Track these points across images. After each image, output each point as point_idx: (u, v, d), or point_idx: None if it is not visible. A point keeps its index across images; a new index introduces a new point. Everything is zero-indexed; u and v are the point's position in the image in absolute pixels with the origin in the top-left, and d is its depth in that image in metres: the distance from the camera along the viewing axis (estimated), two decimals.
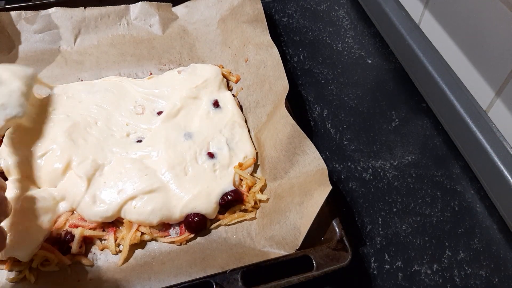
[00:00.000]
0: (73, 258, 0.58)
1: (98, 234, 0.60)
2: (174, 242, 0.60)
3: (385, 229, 0.63)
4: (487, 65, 0.65)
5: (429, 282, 0.58)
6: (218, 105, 0.72)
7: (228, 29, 0.84)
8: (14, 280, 0.56)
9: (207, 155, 0.66)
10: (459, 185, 0.67)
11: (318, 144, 0.70)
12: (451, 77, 0.72)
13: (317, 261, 0.52)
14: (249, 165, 0.66)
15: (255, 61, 0.75)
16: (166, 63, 0.83)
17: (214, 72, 0.76)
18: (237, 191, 0.63)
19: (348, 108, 0.78)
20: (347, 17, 0.94)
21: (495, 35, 0.62)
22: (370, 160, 0.70)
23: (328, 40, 0.89)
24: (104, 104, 0.72)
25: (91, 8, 0.84)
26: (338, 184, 0.68)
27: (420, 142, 0.73)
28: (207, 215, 0.61)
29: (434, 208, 0.65)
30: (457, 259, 0.60)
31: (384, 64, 0.85)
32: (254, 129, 0.71)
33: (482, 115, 0.66)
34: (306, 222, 0.55)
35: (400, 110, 0.77)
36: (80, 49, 0.83)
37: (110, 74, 0.80)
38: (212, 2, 0.88)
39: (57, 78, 0.79)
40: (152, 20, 0.87)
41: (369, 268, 0.59)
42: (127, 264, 0.58)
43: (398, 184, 0.68)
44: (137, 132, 0.69)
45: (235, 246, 0.59)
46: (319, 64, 0.85)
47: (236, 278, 0.50)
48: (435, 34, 0.76)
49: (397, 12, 0.83)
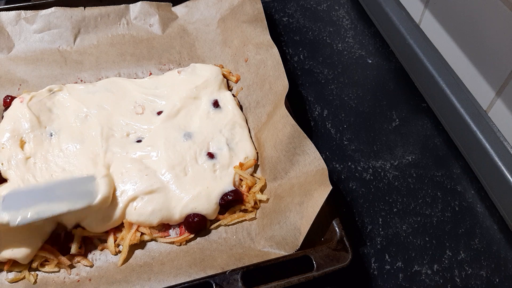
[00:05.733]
0: (73, 259, 0.58)
1: (98, 234, 0.60)
2: (174, 243, 0.60)
3: (386, 229, 0.63)
4: (487, 65, 0.65)
5: (429, 282, 0.58)
6: (218, 105, 0.72)
7: (228, 29, 0.84)
8: (14, 280, 0.56)
9: (207, 155, 0.66)
10: (460, 185, 0.67)
11: (318, 144, 0.70)
12: (451, 77, 0.71)
13: (317, 262, 0.52)
14: (249, 166, 0.66)
15: (255, 61, 0.75)
16: (166, 63, 0.82)
17: (214, 72, 0.76)
18: (237, 191, 0.63)
19: (348, 108, 0.77)
20: (347, 17, 0.94)
21: (496, 35, 0.62)
22: (370, 160, 0.70)
23: (328, 39, 0.89)
24: (104, 104, 0.71)
25: (91, 8, 0.84)
26: (338, 184, 0.67)
27: (421, 142, 0.73)
28: (207, 215, 0.61)
29: (434, 208, 0.65)
30: (458, 259, 0.60)
31: (384, 64, 0.85)
32: (254, 129, 0.71)
33: (483, 115, 0.66)
34: (306, 222, 0.55)
35: (400, 110, 0.77)
36: (79, 49, 0.83)
37: (109, 74, 0.80)
38: (212, 2, 0.88)
39: (57, 78, 0.78)
40: (152, 19, 0.86)
41: (369, 269, 0.59)
42: (126, 264, 0.58)
43: (399, 184, 0.68)
44: (137, 132, 0.69)
45: (235, 247, 0.59)
46: (319, 64, 0.84)
47: (236, 279, 0.50)
48: (436, 34, 0.76)
49: (398, 12, 0.83)
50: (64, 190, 0.59)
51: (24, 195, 0.58)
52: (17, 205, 0.56)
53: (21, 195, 0.58)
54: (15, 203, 0.56)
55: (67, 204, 0.57)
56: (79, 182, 0.61)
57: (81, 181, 0.61)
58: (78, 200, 0.58)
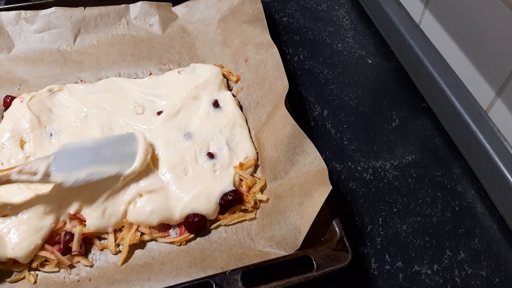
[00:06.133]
0: (73, 259, 0.58)
1: (98, 234, 0.60)
2: (174, 243, 0.60)
3: (386, 229, 0.63)
4: (487, 65, 0.65)
5: (429, 282, 0.58)
6: (218, 105, 0.72)
7: (228, 29, 0.84)
8: (14, 280, 0.56)
9: (207, 155, 0.66)
10: (460, 185, 0.67)
11: (318, 144, 0.70)
12: (451, 77, 0.71)
13: (317, 262, 0.52)
14: (249, 166, 0.66)
15: (255, 61, 0.75)
16: (166, 63, 0.82)
17: (214, 72, 0.76)
18: (237, 191, 0.63)
19: (348, 108, 0.77)
20: (347, 17, 0.93)
21: (496, 35, 0.62)
22: (370, 160, 0.70)
23: (328, 39, 0.89)
24: (104, 104, 0.71)
25: (91, 8, 0.84)
26: (338, 184, 0.67)
27: (421, 142, 0.73)
28: (207, 215, 0.61)
29: (434, 208, 0.65)
30: (458, 259, 0.60)
31: (384, 64, 0.85)
32: (254, 129, 0.71)
33: (483, 115, 0.66)
34: (306, 222, 0.55)
35: (400, 110, 0.77)
36: (79, 49, 0.83)
37: (109, 74, 0.80)
38: (212, 2, 0.88)
39: (57, 78, 0.78)
40: (152, 19, 0.86)
41: (369, 269, 0.59)
42: (126, 264, 0.58)
43: (399, 184, 0.68)
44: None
45: (235, 247, 0.59)
46: (319, 64, 0.84)
47: (236, 279, 0.50)
48: (435, 34, 0.76)
49: (398, 12, 0.83)
50: (110, 150, 0.61)
51: (73, 154, 0.60)
52: (68, 165, 0.58)
53: (71, 154, 0.59)
54: (66, 163, 0.58)
55: (115, 166, 0.59)
56: (122, 142, 0.63)
57: (124, 140, 0.63)
58: (125, 162, 0.60)
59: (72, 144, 0.62)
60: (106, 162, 0.60)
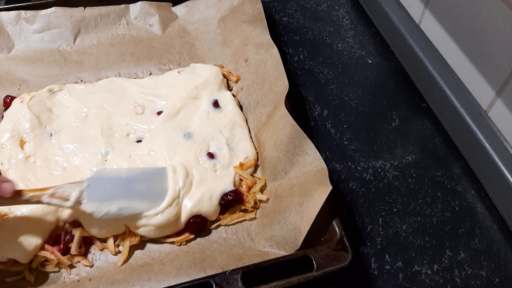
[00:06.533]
0: (73, 259, 0.58)
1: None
2: (174, 243, 0.60)
3: (386, 229, 0.63)
4: (487, 65, 0.65)
5: (429, 282, 0.58)
6: (218, 105, 0.72)
7: (228, 29, 0.84)
8: (14, 280, 0.56)
9: (207, 156, 0.66)
10: (460, 185, 0.67)
11: (318, 144, 0.70)
12: (451, 77, 0.71)
13: (317, 262, 0.52)
14: (250, 166, 0.66)
15: (255, 61, 0.75)
16: (166, 63, 0.82)
17: (214, 72, 0.76)
18: (237, 191, 0.62)
19: (348, 108, 0.77)
20: (347, 17, 0.93)
21: (496, 35, 0.62)
22: (370, 160, 0.70)
23: (328, 39, 0.89)
24: (104, 104, 0.71)
25: (91, 8, 0.84)
26: (338, 184, 0.67)
27: (421, 142, 0.73)
28: (208, 217, 0.61)
29: (434, 208, 0.65)
30: (458, 259, 0.60)
31: (384, 64, 0.85)
32: (254, 129, 0.71)
33: (483, 115, 0.66)
34: (306, 222, 0.55)
35: (400, 110, 0.77)
36: (79, 49, 0.83)
37: (109, 74, 0.80)
38: (212, 2, 0.88)
39: (57, 78, 0.78)
40: (152, 19, 0.86)
41: (369, 269, 0.59)
42: (126, 264, 0.58)
43: (399, 184, 0.68)
44: (137, 132, 0.69)
45: (235, 247, 0.59)
46: (319, 64, 0.84)
47: (236, 279, 0.50)
48: (435, 34, 0.76)
49: (398, 12, 0.83)
50: (144, 186, 0.59)
51: (107, 183, 0.58)
52: (100, 195, 0.56)
53: (104, 182, 0.58)
54: (98, 192, 0.56)
55: (146, 204, 0.58)
56: (155, 177, 0.61)
57: (158, 175, 0.61)
58: (157, 200, 0.59)
59: (107, 171, 0.61)
60: (138, 198, 0.58)
